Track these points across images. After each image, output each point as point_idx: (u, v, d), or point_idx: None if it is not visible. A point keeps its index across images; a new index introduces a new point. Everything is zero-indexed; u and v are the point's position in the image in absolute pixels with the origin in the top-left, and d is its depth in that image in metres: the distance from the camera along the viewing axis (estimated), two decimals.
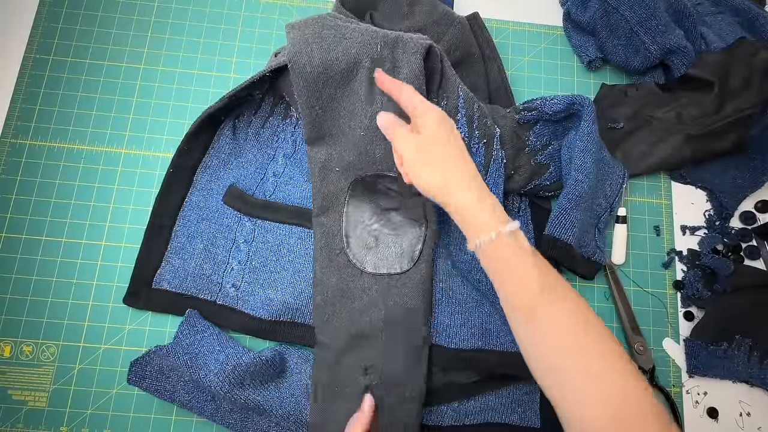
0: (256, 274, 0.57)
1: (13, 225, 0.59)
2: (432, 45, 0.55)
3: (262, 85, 0.60)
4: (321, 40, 0.53)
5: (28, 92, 0.63)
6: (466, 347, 0.55)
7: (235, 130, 0.62)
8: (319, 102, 0.54)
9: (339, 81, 0.54)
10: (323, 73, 0.53)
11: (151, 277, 0.57)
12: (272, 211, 0.59)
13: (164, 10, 0.67)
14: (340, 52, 0.53)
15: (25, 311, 0.56)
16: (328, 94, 0.54)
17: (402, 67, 0.53)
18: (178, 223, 0.59)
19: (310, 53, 0.53)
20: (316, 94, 0.54)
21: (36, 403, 0.54)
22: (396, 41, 0.54)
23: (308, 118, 0.55)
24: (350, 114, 0.55)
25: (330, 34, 0.53)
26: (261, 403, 0.51)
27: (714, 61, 0.64)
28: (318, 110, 0.55)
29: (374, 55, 0.53)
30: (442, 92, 0.57)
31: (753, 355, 0.59)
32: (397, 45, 0.54)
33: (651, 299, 0.62)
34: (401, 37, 0.54)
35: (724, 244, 0.64)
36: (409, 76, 0.53)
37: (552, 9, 0.72)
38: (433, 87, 0.56)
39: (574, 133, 0.59)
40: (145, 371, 0.53)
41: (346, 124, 0.56)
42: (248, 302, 0.56)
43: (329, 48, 0.53)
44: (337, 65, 0.53)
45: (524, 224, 0.62)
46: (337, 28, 0.54)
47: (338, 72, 0.53)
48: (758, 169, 0.65)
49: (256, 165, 0.61)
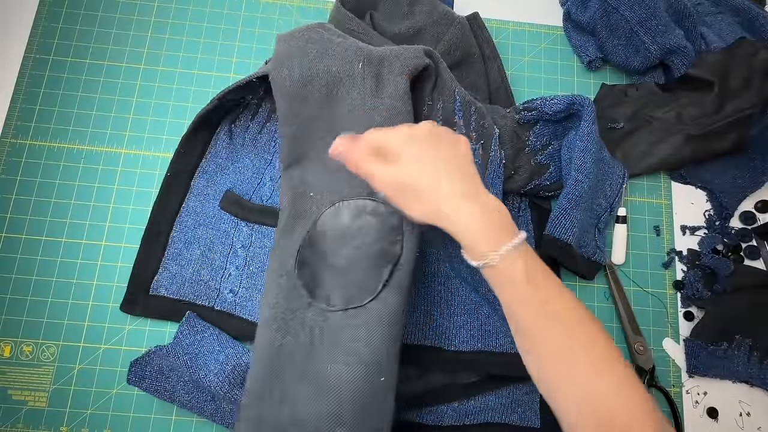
0: (253, 279, 0.57)
1: (13, 225, 0.59)
2: (427, 52, 0.54)
3: (255, 90, 0.59)
4: (303, 55, 0.52)
5: (28, 92, 0.63)
6: (465, 349, 0.55)
7: (232, 135, 0.62)
8: (297, 120, 0.52)
9: (319, 98, 0.52)
10: (303, 88, 0.51)
11: (149, 283, 0.57)
12: (269, 216, 0.59)
13: (164, 10, 0.67)
14: (321, 69, 0.51)
15: (25, 311, 0.56)
16: (307, 112, 0.52)
17: (386, 86, 0.51)
18: (175, 228, 0.59)
19: (290, 67, 0.51)
20: (294, 110, 0.52)
21: (36, 403, 0.54)
22: (381, 60, 0.52)
23: (285, 135, 0.53)
24: (330, 134, 0.51)
25: (313, 49, 0.52)
26: None
27: (714, 61, 0.64)
28: (295, 129, 0.52)
29: (355, 73, 0.51)
30: (437, 94, 0.56)
31: (753, 355, 0.59)
32: (382, 64, 0.52)
33: (651, 299, 0.62)
34: (388, 56, 0.52)
35: (724, 244, 0.64)
36: (393, 96, 0.51)
37: (552, 9, 0.72)
38: (427, 90, 0.56)
39: (574, 133, 0.59)
40: (144, 371, 0.53)
41: (326, 146, 0.50)
42: (246, 308, 0.56)
43: (311, 64, 0.51)
44: (318, 82, 0.51)
45: (524, 224, 0.62)
46: (322, 43, 0.52)
47: (318, 89, 0.52)
48: (758, 169, 0.65)
49: (253, 170, 0.61)
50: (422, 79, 0.55)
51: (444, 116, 0.58)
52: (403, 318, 0.46)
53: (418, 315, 0.56)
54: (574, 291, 0.61)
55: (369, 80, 0.51)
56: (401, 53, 0.53)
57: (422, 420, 0.54)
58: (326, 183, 0.52)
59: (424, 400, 0.55)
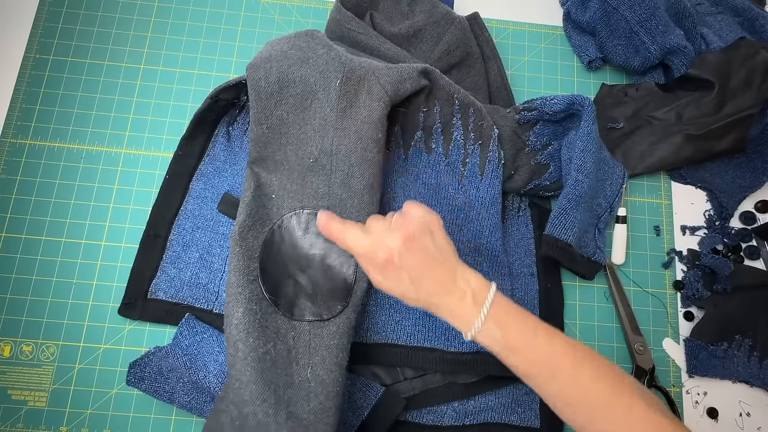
0: None
1: (13, 225, 0.59)
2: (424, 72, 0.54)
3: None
4: (284, 59, 0.53)
5: (28, 92, 0.63)
6: (465, 350, 0.55)
7: (229, 138, 0.62)
8: (267, 120, 0.53)
9: (293, 105, 0.53)
10: (278, 92, 0.52)
11: (147, 287, 0.57)
12: None
13: (164, 10, 0.67)
14: (298, 76, 0.52)
15: (25, 311, 0.56)
16: (278, 115, 0.53)
17: (360, 110, 0.52)
18: (174, 232, 0.59)
19: (268, 69, 0.52)
20: (266, 111, 0.53)
21: (36, 403, 0.54)
22: (361, 80, 0.52)
23: (254, 134, 0.54)
24: (299, 142, 0.53)
25: (295, 56, 0.53)
26: None
27: (714, 61, 0.64)
28: (265, 129, 0.53)
29: (330, 89, 0.52)
30: (434, 100, 0.57)
31: (753, 355, 0.59)
32: (361, 85, 0.52)
33: (651, 299, 0.62)
34: (369, 77, 0.52)
35: (724, 244, 0.64)
36: (366, 120, 0.52)
37: (552, 9, 0.72)
38: (422, 99, 0.56)
39: (574, 133, 0.59)
40: (143, 372, 0.53)
41: (293, 152, 0.53)
42: None
43: (289, 69, 0.52)
44: (293, 88, 0.52)
45: (524, 224, 0.62)
46: (305, 51, 0.53)
47: (293, 95, 0.53)
48: (758, 169, 0.65)
49: None
50: (415, 94, 0.56)
51: (442, 119, 0.58)
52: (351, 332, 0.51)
53: (418, 316, 0.56)
54: (574, 291, 0.61)
55: (344, 100, 0.52)
56: (388, 74, 0.53)
57: (422, 420, 0.54)
58: (288, 188, 0.53)
59: (424, 400, 0.55)
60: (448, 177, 0.59)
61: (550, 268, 0.60)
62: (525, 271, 0.60)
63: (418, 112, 0.57)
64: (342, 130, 0.52)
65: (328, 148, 0.52)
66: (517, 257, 0.61)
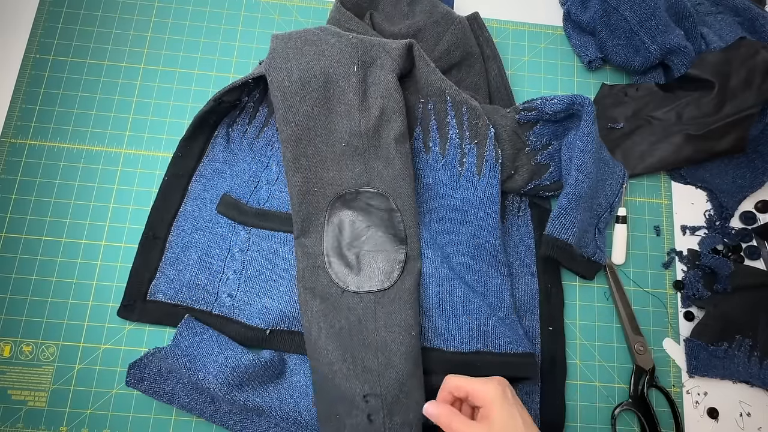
0: (251, 282, 0.57)
1: (13, 225, 0.59)
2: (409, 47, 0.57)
3: (250, 92, 0.60)
4: (301, 56, 0.54)
5: (28, 92, 0.63)
6: (465, 350, 0.55)
7: (229, 139, 0.62)
8: (295, 118, 0.55)
9: (316, 98, 0.55)
10: (301, 89, 0.54)
11: (146, 288, 0.57)
12: (266, 219, 0.59)
13: (164, 10, 0.67)
14: (317, 70, 0.54)
15: (25, 311, 0.56)
16: (304, 111, 0.55)
17: (379, 86, 0.55)
18: (173, 233, 0.58)
19: (289, 68, 0.54)
20: (293, 109, 0.54)
21: (36, 403, 0.54)
22: (374, 59, 0.56)
23: (284, 135, 0.55)
24: (327, 132, 0.56)
25: (310, 51, 0.55)
26: (260, 404, 0.51)
27: (714, 61, 0.64)
28: (294, 126, 0.55)
29: (350, 74, 0.55)
30: (426, 94, 0.58)
31: (753, 355, 0.59)
32: (374, 62, 0.56)
33: (651, 299, 0.62)
34: (380, 53, 0.56)
35: (724, 244, 0.64)
36: (385, 95, 0.55)
37: (552, 9, 0.72)
38: (411, 90, 0.58)
39: (574, 133, 0.59)
40: (143, 373, 0.53)
41: (323, 143, 0.56)
42: (244, 311, 0.56)
43: (308, 65, 0.54)
44: (315, 83, 0.54)
45: (524, 224, 0.62)
46: (319, 44, 0.55)
47: (316, 89, 0.55)
48: (758, 169, 0.65)
49: (250, 173, 0.61)
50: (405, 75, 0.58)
51: (437, 116, 0.58)
52: (418, 294, 0.55)
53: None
54: (574, 291, 0.61)
55: (363, 83, 0.55)
56: (388, 47, 0.57)
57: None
58: (326, 178, 0.56)
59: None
60: (446, 177, 0.59)
61: (550, 268, 0.60)
62: (525, 271, 0.60)
63: (417, 103, 0.59)
64: (366, 110, 0.55)
65: (356, 129, 0.55)
66: (517, 257, 0.61)
